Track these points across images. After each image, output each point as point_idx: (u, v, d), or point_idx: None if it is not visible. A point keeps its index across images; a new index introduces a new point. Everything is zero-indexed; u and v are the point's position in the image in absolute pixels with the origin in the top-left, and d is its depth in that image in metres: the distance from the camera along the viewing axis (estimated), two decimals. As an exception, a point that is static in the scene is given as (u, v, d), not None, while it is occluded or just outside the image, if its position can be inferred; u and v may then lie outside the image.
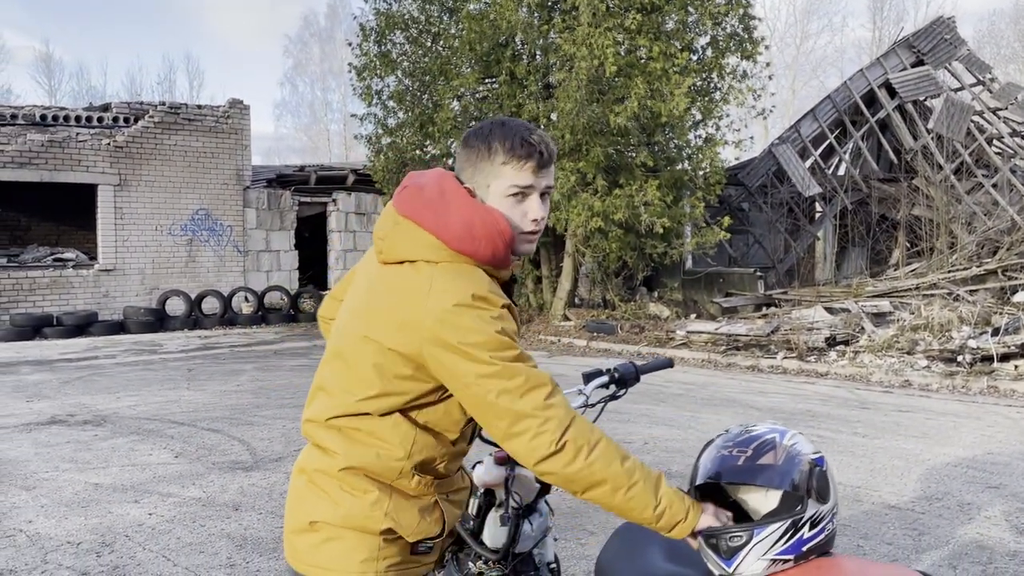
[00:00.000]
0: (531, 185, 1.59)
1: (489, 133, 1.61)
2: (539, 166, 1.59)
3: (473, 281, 1.53)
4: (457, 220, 1.56)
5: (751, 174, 19.11)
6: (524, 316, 14.89)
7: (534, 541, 1.88)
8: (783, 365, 10.44)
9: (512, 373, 1.48)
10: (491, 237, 1.56)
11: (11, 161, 14.19)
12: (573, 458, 1.46)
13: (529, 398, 1.48)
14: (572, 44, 12.18)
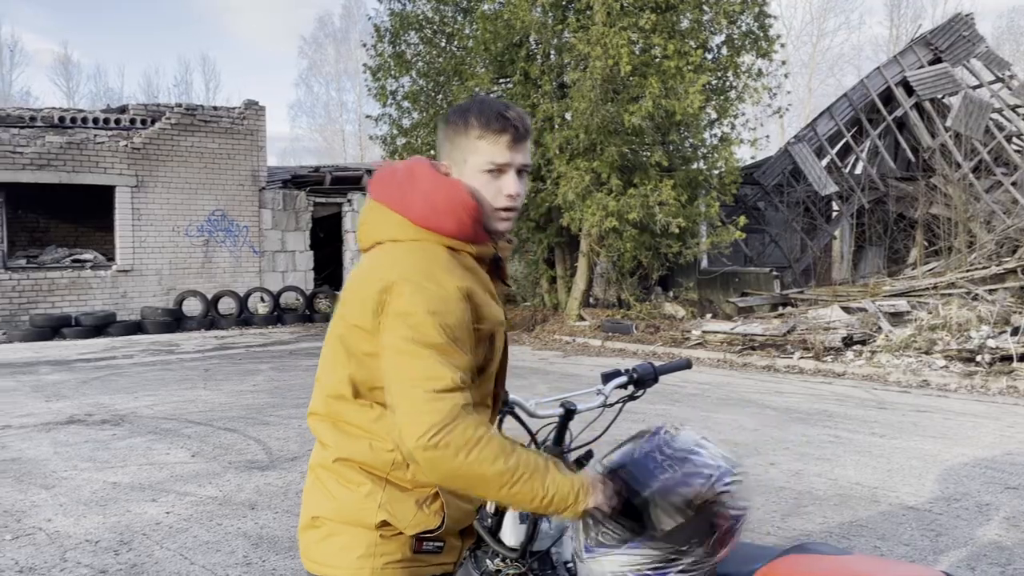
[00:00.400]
0: (507, 162, 1.60)
1: (467, 108, 1.63)
2: (514, 140, 1.60)
3: (426, 259, 1.54)
4: (420, 196, 1.59)
5: (767, 173, 19.01)
6: (539, 316, 14.88)
7: (552, 540, 1.88)
8: (799, 365, 10.37)
9: (416, 357, 1.48)
10: (454, 210, 1.57)
11: (30, 163, 14.33)
12: (446, 459, 1.44)
13: (421, 388, 1.46)
14: (586, 44, 12.16)
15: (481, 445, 1.44)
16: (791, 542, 3.78)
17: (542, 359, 11.38)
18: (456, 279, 1.53)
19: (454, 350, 1.50)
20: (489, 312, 1.60)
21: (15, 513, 4.70)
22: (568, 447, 1.96)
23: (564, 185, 12.65)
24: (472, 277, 1.59)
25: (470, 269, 1.61)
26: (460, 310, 1.52)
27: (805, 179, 18.63)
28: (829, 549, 1.49)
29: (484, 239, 1.63)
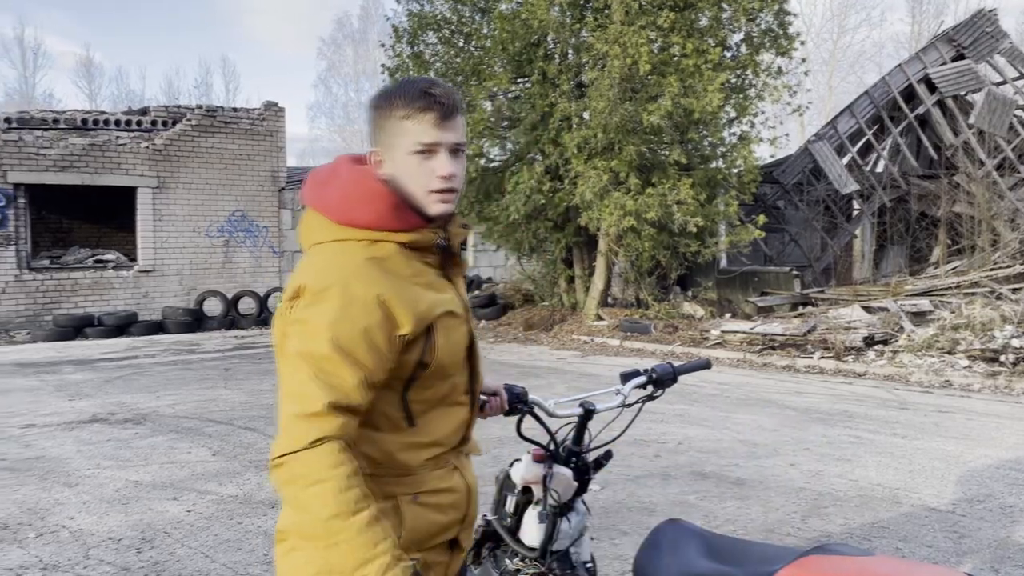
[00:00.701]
0: (436, 141, 1.53)
1: (391, 89, 1.57)
2: (441, 118, 1.52)
3: (339, 263, 1.48)
4: (336, 191, 1.55)
5: (787, 172, 18.87)
6: (557, 315, 14.86)
7: (571, 540, 1.87)
8: (820, 365, 10.29)
9: (296, 371, 1.44)
10: (367, 199, 1.52)
11: (53, 164, 14.51)
12: (286, 482, 1.39)
13: (290, 406, 1.42)
14: (604, 43, 12.13)
15: (319, 488, 1.35)
16: (811, 543, 3.75)
17: (560, 359, 11.37)
18: (368, 284, 1.46)
19: (342, 366, 1.42)
20: (421, 308, 1.51)
21: (39, 511, 4.76)
22: (587, 447, 1.95)
23: (582, 184, 12.62)
24: (393, 277, 1.50)
25: (397, 264, 1.52)
26: (364, 320, 1.44)
27: (825, 178, 18.47)
28: (851, 550, 1.48)
29: (412, 225, 1.54)
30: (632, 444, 6.11)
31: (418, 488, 1.56)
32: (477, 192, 14.55)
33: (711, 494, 5.04)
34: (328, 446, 1.38)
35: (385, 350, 1.47)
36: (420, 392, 1.56)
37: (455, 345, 1.59)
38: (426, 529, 1.56)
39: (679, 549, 1.71)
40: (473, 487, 1.70)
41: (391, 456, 1.54)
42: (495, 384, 2.01)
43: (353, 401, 1.43)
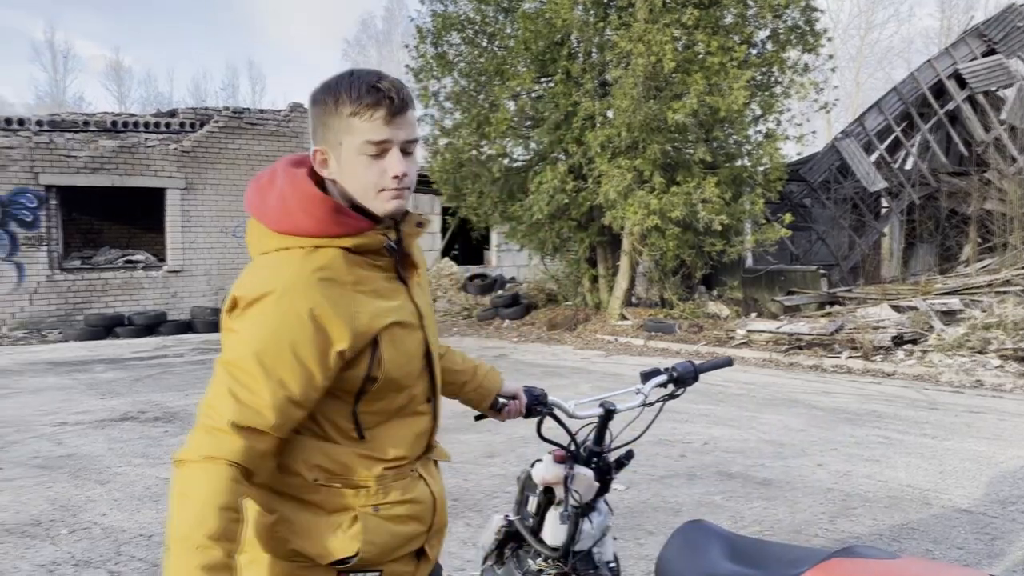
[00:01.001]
0: (387, 139, 1.44)
1: (336, 84, 1.46)
2: (391, 114, 1.43)
3: (274, 274, 1.42)
4: (274, 198, 1.48)
5: (813, 169, 18.68)
6: (580, 315, 14.83)
7: (593, 540, 1.87)
8: (848, 365, 10.18)
9: (218, 378, 1.40)
10: (305, 207, 1.44)
11: (84, 167, 14.74)
12: (172, 483, 1.37)
13: (203, 414, 1.40)
14: (628, 41, 12.08)
15: (183, 502, 1.32)
16: (838, 544, 3.71)
17: (584, 359, 11.35)
18: (301, 297, 1.39)
19: (260, 381, 1.37)
20: (361, 321, 1.43)
21: (71, 508, 4.84)
22: (608, 447, 1.95)
23: (606, 184, 12.59)
24: (332, 287, 1.42)
25: (339, 271, 1.45)
26: (293, 334, 1.38)
27: (853, 175, 18.26)
28: (878, 552, 1.46)
29: (356, 229, 1.46)
30: (657, 444, 6.09)
31: (378, 500, 1.50)
32: (500, 192, 14.56)
33: (737, 494, 5.01)
34: (216, 467, 1.34)
35: (314, 367, 1.40)
36: (371, 404, 1.50)
37: (406, 356, 1.51)
38: (387, 542, 1.50)
39: (702, 550, 1.71)
40: (439, 496, 1.63)
41: (347, 468, 1.48)
42: (514, 387, 2.01)
43: (264, 424, 1.37)
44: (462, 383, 1.97)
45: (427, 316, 1.61)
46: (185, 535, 1.29)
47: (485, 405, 1.99)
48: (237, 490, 1.35)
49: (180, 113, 16.37)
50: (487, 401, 1.98)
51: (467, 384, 1.97)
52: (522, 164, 14.99)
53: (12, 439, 6.58)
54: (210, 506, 1.30)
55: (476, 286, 18.05)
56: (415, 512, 1.55)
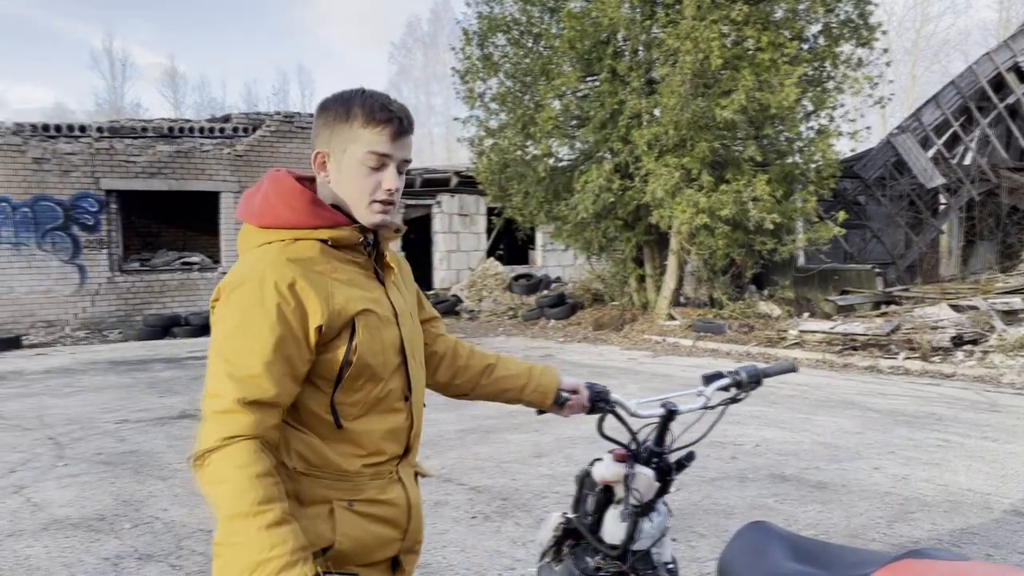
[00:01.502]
0: (388, 154, 1.56)
1: (349, 98, 1.58)
2: (397, 134, 1.56)
3: (256, 263, 1.51)
4: (259, 199, 1.59)
5: (868, 166, 18.28)
6: (627, 315, 14.74)
7: (652, 540, 1.87)
8: (905, 366, 9.94)
9: (213, 367, 1.48)
10: (285, 199, 1.55)
11: (142, 171, 15.15)
12: (200, 480, 1.43)
13: (208, 405, 1.46)
14: (675, 38, 11.97)
15: (223, 488, 1.38)
16: (901, 548, 3.63)
17: (631, 359, 11.28)
18: (280, 275, 1.48)
19: (252, 357, 1.44)
20: (337, 300, 1.51)
21: (134, 503, 4.98)
22: (669, 448, 1.95)
23: (653, 182, 12.49)
24: (308, 270, 1.51)
25: (316, 261, 1.53)
26: (276, 309, 1.46)
27: (909, 171, 17.82)
28: (945, 555, 1.43)
29: (332, 222, 1.55)
30: (708, 446, 6.01)
31: (354, 495, 1.54)
32: (546, 192, 14.56)
33: (791, 497, 4.94)
34: (238, 445, 1.40)
35: (300, 339, 1.48)
36: (349, 394, 1.55)
37: (381, 344, 1.57)
38: (361, 539, 1.53)
39: (764, 551, 1.69)
40: (415, 504, 1.66)
41: (326, 459, 1.53)
42: (574, 381, 2.02)
43: (266, 394, 1.44)
44: (521, 387, 1.98)
45: (404, 315, 1.67)
46: (234, 512, 1.37)
47: (547, 403, 1.99)
48: (265, 458, 1.42)
49: (234, 118, 16.72)
50: (548, 399, 1.99)
51: (526, 387, 1.98)
52: (567, 163, 14.96)
53: (77, 436, 6.80)
54: (246, 477, 1.38)
55: (521, 286, 18.07)
56: (389, 514, 1.59)
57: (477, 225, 19.50)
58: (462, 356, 1.97)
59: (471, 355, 1.98)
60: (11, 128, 14.22)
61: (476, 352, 2.00)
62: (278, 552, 1.35)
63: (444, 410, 7.54)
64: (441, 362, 1.95)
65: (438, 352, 1.95)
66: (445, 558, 4.03)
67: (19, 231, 14.18)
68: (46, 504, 4.96)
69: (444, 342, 1.97)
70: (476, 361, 1.98)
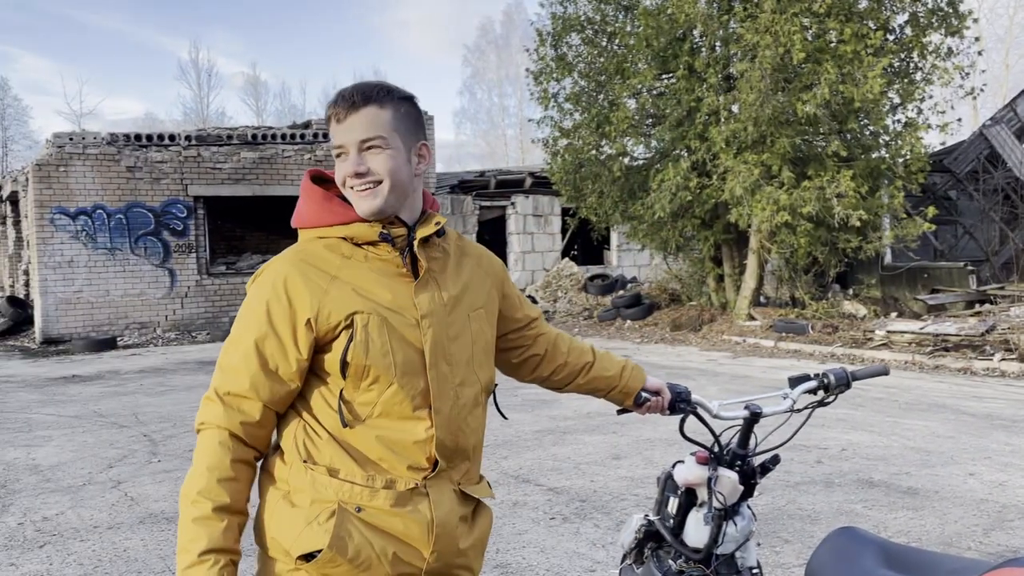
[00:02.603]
0: (341, 144, 1.51)
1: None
2: (342, 118, 1.49)
3: (275, 261, 1.55)
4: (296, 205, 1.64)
5: (959, 159, 17.51)
6: (705, 315, 14.49)
7: (737, 543, 1.83)
8: (1001, 368, 9.48)
9: (225, 348, 1.53)
10: (305, 199, 1.59)
11: (228, 178, 15.71)
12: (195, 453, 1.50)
13: (215, 376, 1.52)
14: (755, 33, 11.71)
15: (192, 466, 1.46)
16: (999, 557, 3.47)
17: (710, 360, 11.09)
18: (276, 270, 1.51)
19: (239, 353, 1.49)
20: (331, 296, 1.47)
21: (223, 497, 5.15)
22: (753, 451, 1.90)
23: (731, 180, 12.25)
24: (309, 267, 1.50)
25: (327, 256, 1.52)
26: (267, 305, 1.49)
27: (1004, 164, 17.00)
28: (1054, 566, 1.36)
29: (346, 218, 1.53)
30: (791, 449, 5.87)
31: (363, 502, 1.46)
32: (621, 191, 14.45)
33: (880, 503, 4.77)
34: (207, 432, 1.47)
35: (285, 335, 1.48)
36: (356, 393, 1.49)
37: (391, 347, 1.48)
38: (362, 548, 1.44)
39: (854, 557, 1.64)
40: (443, 521, 1.51)
41: (333, 458, 1.49)
42: (657, 382, 1.99)
43: (238, 388, 1.47)
44: (610, 387, 1.96)
45: (435, 316, 1.54)
46: (184, 492, 1.45)
47: (627, 402, 1.98)
48: (223, 452, 1.45)
49: (314, 124, 17.16)
50: (630, 399, 1.97)
51: (615, 387, 1.97)
52: (643, 162, 14.81)
53: (169, 433, 7.09)
54: (201, 467, 1.44)
55: (596, 286, 17.98)
56: (400, 529, 1.48)
57: (552, 226, 19.50)
58: (561, 353, 1.92)
59: (570, 352, 1.94)
60: (106, 138, 14.94)
61: (575, 349, 1.95)
62: (191, 548, 1.40)
63: (521, 411, 7.56)
64: (541, 362, 1.90)
65: (537, 353, 1.89)
66: (525, 558, 4.04)
67: (114, 237, 14.89)
68: (142, 498, 5.19)
69: (544, 341, 1.89)
70: (574, 358, 1.94)
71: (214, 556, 1.39)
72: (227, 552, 1.41)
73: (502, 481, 5.36)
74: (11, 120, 47.39)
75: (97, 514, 4.88)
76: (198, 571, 1.38)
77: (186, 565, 1.39)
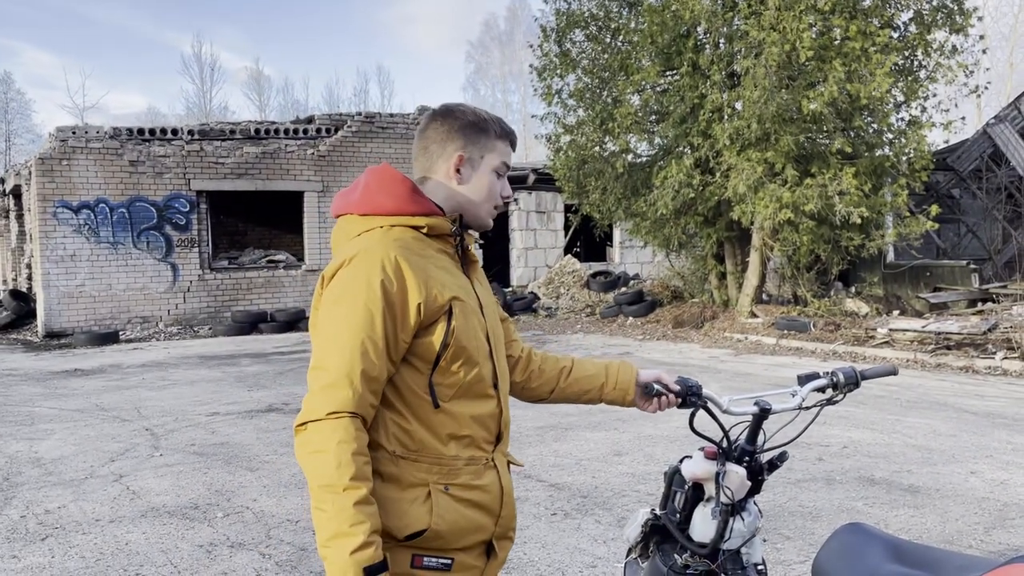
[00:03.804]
0: (509, 166, 1.74)
1: (484, 114, 1.72)
2: (512, 145, 1.74)
3: (356, 248, 1.57)
4: (358, 192, 1.67)
5: (962, 158, 17.48)
6: (707, 312, 14.49)
7: (743, 539, 1.83)
8: (1003, 366, 9.47)
9: (321, 340, 1.55)
10: (386, 187, 1.63)
11: (230, 172, 15.71)
12: (299, 446, 1.50)
13: (314, 377, 1.53)
14: (760, 30, 11.69)
15: (320, 457, 1.46)
16: (1001, 555, 3.47)
17: (712, 357, 11.09)
18: (386, 251, 1.54)
19: (360, 333, 1.50)
20: (435, 283, 1.57)
21: (225, 492, 5.17)
22: (761, 447, 1.90)
23: (735, 177, 12.24)
24: (409, 252, 1.57)
25: (414, 245, 1.60)
26: (382, 286, 1.52)
27: (1007, 163, 16.97)
28: (1059, 564, 1.35)
29: (429, 210, 1.63)
30: (793, 446, 5.85)
31: (450, 479, 1.59)
32: (624, 188, 14.43)
33: (881, 501, 4.77)
34: (340, 420, 1.47)
35: (400, 317, 1.53)
36: (445, 376, 1.60)
37: (474, 330, 1.63)
38: (456, 522, 1.57)
39: (862, 553, 1.63)
40: (508, 490, 1.70)
41: (423, 442, 1.58)
42: (656, 373, 1.97)
43: (369, 370, 1.50)
44: (600, 386, 1.98)
45: (488, 307, 1.74)
46: (331, 483, 1.44)
47: (628, 399, 1.97)
48: (362, 436, 1.50)
49: (316, 119, 17.15)
50: (629, 395, 1.96)
51: (605, 386, 1.98)
52: (646, 159, 14.79)
53: (171, 427, 7.11)
54: (343, 452, 1.45)
55: (599, 283, 17.97)
56: (483, 499, 1.63)
57: (554, 222, 19.49)
58: (535, 360, 2.00)
59: (544, 359, 2.01)
60: (109, 132, 14.94)
61: (549, 357, 2.03)
62: (357, 530, 1.42)
63: (523, 407, 7.56)
64: (516, 365, 1.97)
65: (513, 355, 1.97)
66: (526, 554, 4.05)
67: (116, 231, 14.89)
68: (144, 492, 5.20)
69: (517, 346, 1.99)
70: (550, 365, 2.00)
71: (377, 537, 1.46)
72: (380, 531, 1.48)
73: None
74: (14, 114, 47.44)
75: (99, 507, 4.89)
76: (368, 553, 1.42)
77: (355, 547, 1.42)
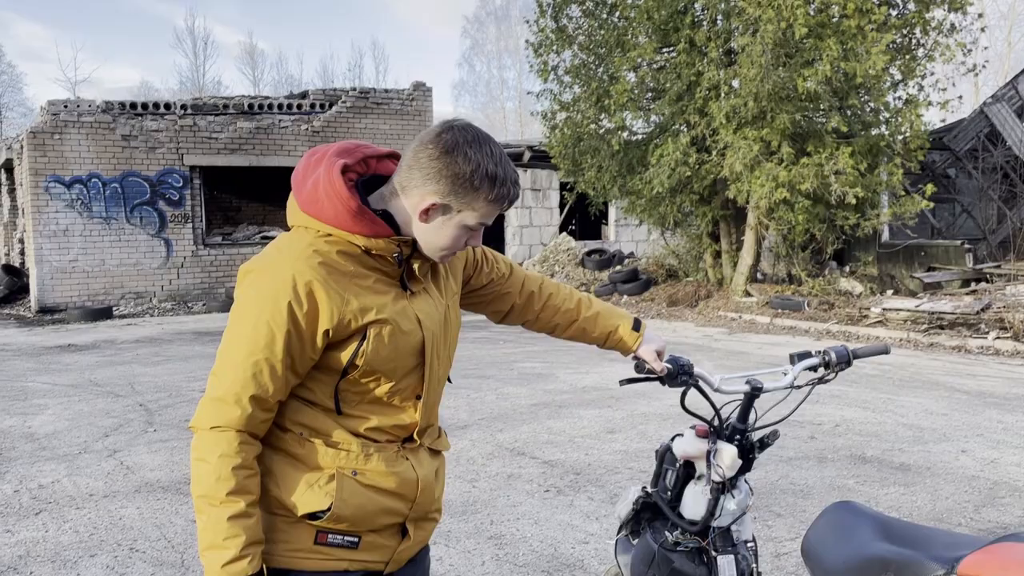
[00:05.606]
0: (486, 224, 1.60)
1: (485, 171, 1.51)
2: (502, 205, 1.57)
3: (284, 248, 1.53)
4: (311, 182, 1.56)
5: (959, 137, 17.45)
6: (702, 291, 14.50)
7: (733, 517, 1.84)
8: (995, 346, 9.51)
9: (222, 346, 1.52)
10: (330, 198, 1.51)
11: (224, 147, 15.60)
12: (191, 447, 1.51)
13: (211, 378, 1.52)
14: (757, 6, 11.59)
15: (202, 465, 1.47)
16: (990, 533, 3.49)
17: (706, 336, 11.12)
18: (300, 270, 1.48)
19: (252, 353, 1.47)
20: (351, 307, 1.51)
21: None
22: (752, 426, 1.90)
23: (731, 155, 12.20)
24: (330, 270, 1.50)
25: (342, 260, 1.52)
26: (288, 307, 1.47)
27: (1003, 142, 16.94)
28: (1048, 541, 1.36)
29: (372, 232, 1.52)
30: (785, 425, 5.89)
31: (358, 466, 1.57)
32: (620, 166, 14.36)
33: (872, 479, 4.80)
34: (224, 434, 1.47)
35: (305, 339, 1.50)
36: (353, 385, 1.57)
37: (396, 352, 1.57)
38: (362, 505, 1.57)
39: (852, 530, 1.64)
40: (424, 478, 1.67)
41: (328, 434, 1.57)
42: (660, 342, 1.97)
43: (262, 391, 1.48)
44: (598, 344, 2.01)
45: (430, 321, 1.64)
46: (208, 494, 1.46)
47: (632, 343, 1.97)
48: (246, 450, 1.49)
49: (311, 95, 17.01)
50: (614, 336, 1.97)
51: (602, 345, 2.00)
52: (642, 137, 14.72)
53: (165, 403, 7.11)
54: (224, 466, 1.46)
55: (594, 261, 17.97)
56: (395, 486, 1.61)
57: (549, 200, 19.43)
58: (538, 301, 1.99)
59: (547, 306, 2.00)
60: (101, 106, 14.80)
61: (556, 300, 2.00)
62: (230, 544, 1.44)
63: (517, 385, 7.58)
64: (512, 311, 2.01)
65: (514, 307, 1.99)
66: (519, 530, 4.07)
67: (109, 206, 14.81)
68: (138, 467, 5.20)
69: (516, 296, 1.99)
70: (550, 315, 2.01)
71: (252, 549, 1.47)
72: (261, 543, 1.50)
73: (497, 454, 5.39)
74: (5, 87, 46.95)
75: (93, 482, 4.90)
76: (240, 566, 1.45)
77: (227, 560, 1.44)
